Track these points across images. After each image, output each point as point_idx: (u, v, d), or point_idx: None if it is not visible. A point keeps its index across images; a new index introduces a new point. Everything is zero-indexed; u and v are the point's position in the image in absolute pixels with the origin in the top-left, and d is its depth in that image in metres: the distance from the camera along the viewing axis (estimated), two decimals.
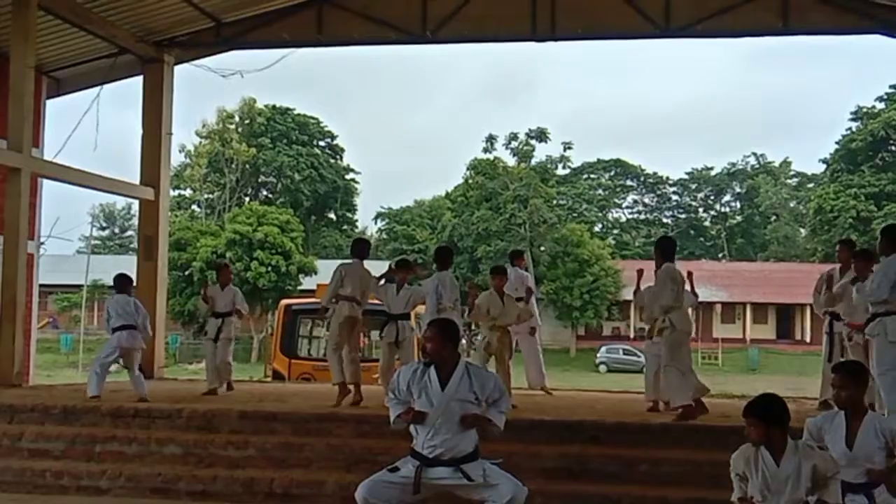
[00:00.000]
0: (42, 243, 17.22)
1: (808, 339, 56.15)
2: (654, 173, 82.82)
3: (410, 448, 6.21)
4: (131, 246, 73.36)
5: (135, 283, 13.90)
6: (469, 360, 6.37)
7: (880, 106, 64.47)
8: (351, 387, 10.88)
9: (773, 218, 77.24)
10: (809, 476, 5.50)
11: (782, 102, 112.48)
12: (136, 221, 20.78)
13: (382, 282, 11.45)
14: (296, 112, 67.47)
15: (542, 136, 61.44)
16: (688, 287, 10.44)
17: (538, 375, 13.38)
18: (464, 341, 10.85)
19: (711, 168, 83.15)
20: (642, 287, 11.37)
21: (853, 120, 65.55)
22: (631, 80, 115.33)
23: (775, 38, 15.80)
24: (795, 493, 5.51)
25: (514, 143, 61.64)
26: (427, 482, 6.04)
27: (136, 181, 15.75)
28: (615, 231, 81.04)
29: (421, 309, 12.48)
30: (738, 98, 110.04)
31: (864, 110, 65.11)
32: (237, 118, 63.83)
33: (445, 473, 6.04)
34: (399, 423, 6.19)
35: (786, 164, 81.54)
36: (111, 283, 12.01)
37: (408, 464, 6.14)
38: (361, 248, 11.53)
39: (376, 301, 11.69)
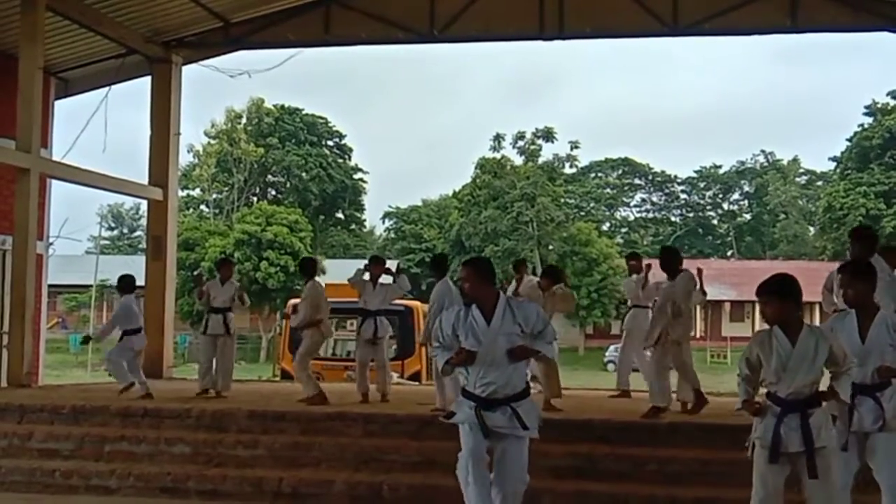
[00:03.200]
0: (51, 243, 17.27)
1: None
2: (662, 172, 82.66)
3: (462, 389, 6.25)
4: (140, 246, 73.46)
5: (143, 283, 13.99)
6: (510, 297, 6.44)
7: (893, 103, 64.21)
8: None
9: (782, 216, 77.01)
10: (825, 357, 5.53)
11: (798, 101, 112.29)
12: (144, 222, 20.85)
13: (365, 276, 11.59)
14: (304, 112, 67.52)
15: (548, 135, 61.30)
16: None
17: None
18: None
19: (720, 166, 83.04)
20: (652, 283, 11.40)
21: (867, 115, 65.36)
22: (654, 80, 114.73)
23: (800, 37, 15.81)
24: (810, 373, 5.52)
25: (520, 143, 61.54)
26: (489, 427, 6.09)
27: (145, 181, 15.80)
28: (623, 230, 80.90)
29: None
30: (756, 97, 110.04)
31: (878, 106, 64.86)
32: (245, 118, 63.86)
33: (502, 421, 6.06)
34: (449, 368, 6.23)
35: (795, 162, 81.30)
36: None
37: (463, 406, 6.19)
38: (312, 267, 11.79)
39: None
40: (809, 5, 13.97)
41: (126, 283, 11.69)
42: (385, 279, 11.95)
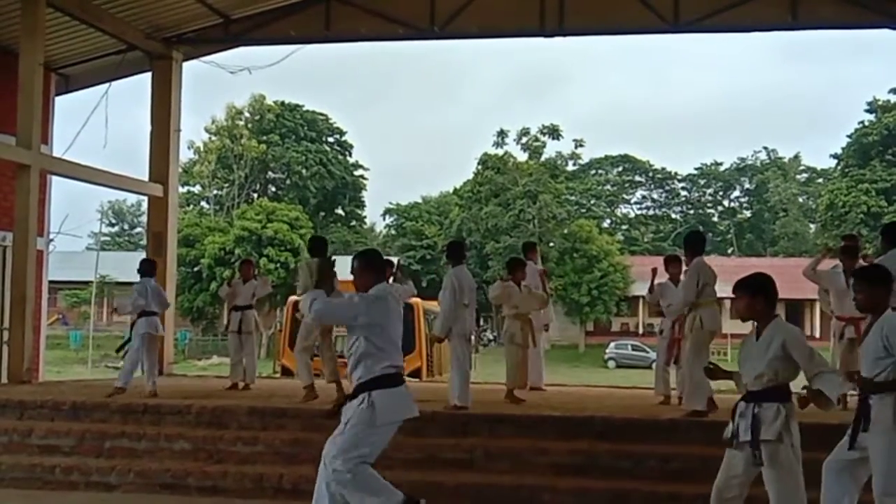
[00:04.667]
0: (51, 240, 17.26)
1: (817, 335, 55.93)
2: (663, 169, 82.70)
3: None
4: (140, 242, 73.48)
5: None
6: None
7: (895, 99, 64.22)
8: (330, 385, 10.87)
9: (782, 213, 77.00)
10: (777, 353, 5.68)
11: (801, 99, 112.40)
12: (144, 218, 20.87)
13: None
14: (304, 108, 67.46)
15: (554, 132, 61.30)
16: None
17: (539, 376, 13.21)
18: (473, 338, 10.78)
19: (721, 163, 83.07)
20: (656, 284, 11.36)
21: (868, 112, 65.32)
22: (657, 77, 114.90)
23: (804, 34, 15.81)
24: (757, 367, 5.73)
25: (524, 139, 61.51)
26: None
27: (145, 178, 15.79)
28: (624, 227, 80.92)
29: (433, 305, 12.50)
30: (759, 95, 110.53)
31: (879, 103, 64.80)
32: (247, 114, 63.81)
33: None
34: None
35: (795, 159, 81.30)
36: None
37: None
38: (321, 246, 11.65)
39: None
40: (810, 2, 13.96)
41: (146, 266, 11.92)
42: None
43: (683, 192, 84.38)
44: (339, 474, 6.04)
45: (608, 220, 79.32)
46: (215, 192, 63.74)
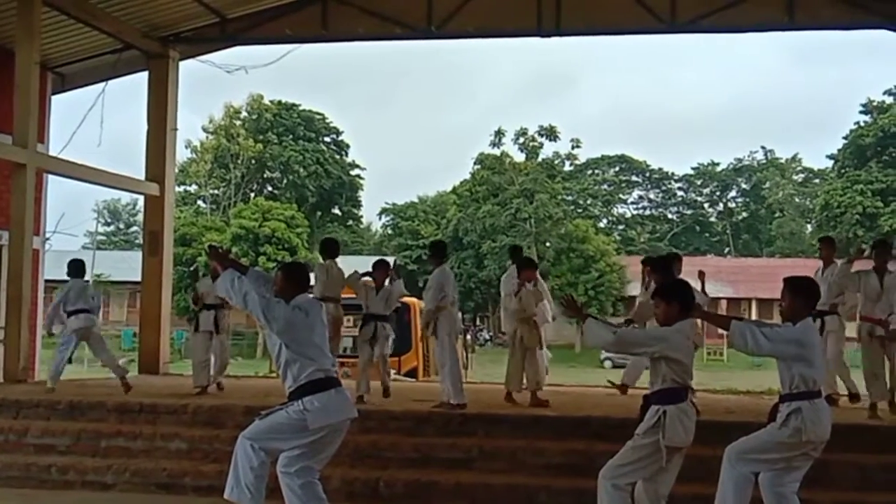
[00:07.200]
0: (47, 239, 17.25)
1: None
2: (660, 169, 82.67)
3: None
4: (136, 242, 73.39)
5: (140, 279, 13.99)
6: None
7: (889, 100, 64.31)
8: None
9: (779, 214, 77.04)
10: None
11: (800, 100, 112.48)
12: (141, 217, 20.86)
13: (364, 279, 11.35)
14: (301, 108, 67.33)
15: (551, 133, 61.27)
16: (698, 287, 10.28)
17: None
18: (468, 337, 10.80)
19: (718, 164, 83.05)
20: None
21: (863, 113, 65.40)
22: (659, 79, 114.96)
23: (805, 36, 15.86)
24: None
25: (522, 139, 61.45)
26: None
27: (142, 177, 15.77)
28: (620, 227, 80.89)
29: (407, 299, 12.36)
30: (760, 96, 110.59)
31: (874, 104, 64.89)
32: (244, 114, 63.67)
33: None
34: None
35: (794, 159, 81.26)
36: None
37: None
38: (334, 247, 11.71)
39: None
40: (807, 3, 13.96)
41: (72, 267, 12.35)
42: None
43: (680, 193, 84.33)
44: (289, 477, 6.51)
45: (604, 220, 79.33)
46: (212, 191, 63.59)
